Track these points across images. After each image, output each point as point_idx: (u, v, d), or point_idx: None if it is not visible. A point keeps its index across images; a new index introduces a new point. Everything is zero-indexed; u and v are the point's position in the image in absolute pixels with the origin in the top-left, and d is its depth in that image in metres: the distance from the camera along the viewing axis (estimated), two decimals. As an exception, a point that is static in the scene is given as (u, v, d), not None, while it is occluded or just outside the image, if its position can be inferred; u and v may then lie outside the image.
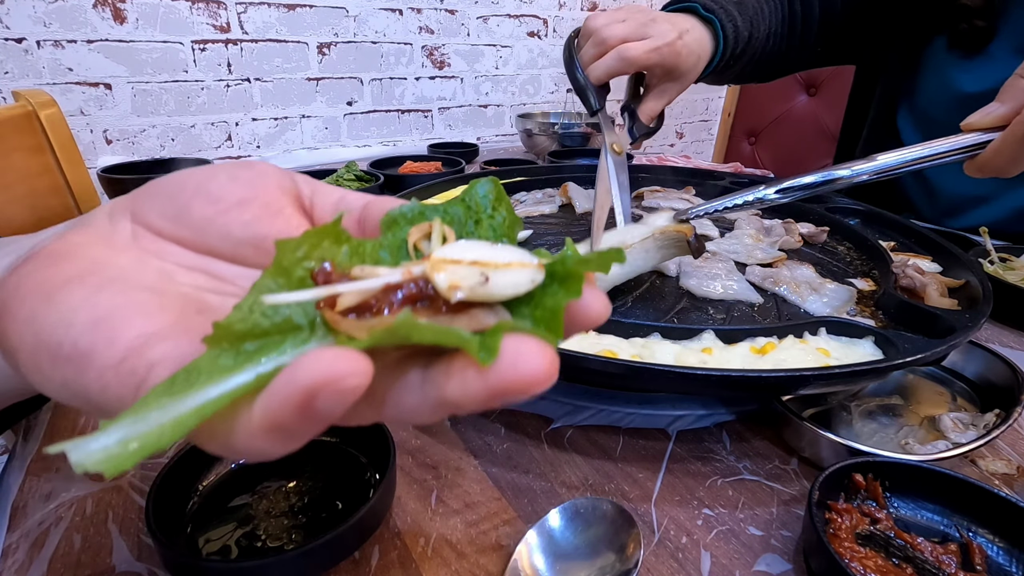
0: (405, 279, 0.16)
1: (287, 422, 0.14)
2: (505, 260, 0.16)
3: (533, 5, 1.78)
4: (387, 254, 0.19)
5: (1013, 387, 0.42)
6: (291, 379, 0.13)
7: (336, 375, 0.13)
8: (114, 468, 0.13)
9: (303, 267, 0.17)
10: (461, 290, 0.15)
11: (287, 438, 0.15)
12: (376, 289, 0.16)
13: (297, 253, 0.17)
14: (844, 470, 0.34)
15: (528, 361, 0.14)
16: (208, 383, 0.14)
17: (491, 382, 0.14)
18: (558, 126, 1.33)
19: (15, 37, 1.18)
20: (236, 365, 0.15)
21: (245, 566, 0.28)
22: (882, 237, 0.68)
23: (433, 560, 0.32)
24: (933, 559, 0.31)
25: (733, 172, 0.97)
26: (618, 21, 0.65)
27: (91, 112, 1.29)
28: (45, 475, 0.37)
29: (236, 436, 0.15)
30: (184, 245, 0.21)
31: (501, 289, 0.16)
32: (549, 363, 0.15)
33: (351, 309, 0.16)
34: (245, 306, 0.16)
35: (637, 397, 0.45)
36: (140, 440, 0.13)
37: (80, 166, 0.85)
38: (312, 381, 0.13)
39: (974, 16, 0.78)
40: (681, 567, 0.32)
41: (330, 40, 1.50)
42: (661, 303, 0.51)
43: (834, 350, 0.42)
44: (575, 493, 0.37)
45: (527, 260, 0.16)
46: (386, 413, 0.17)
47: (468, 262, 0.16)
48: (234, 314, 0.16)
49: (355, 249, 0.18)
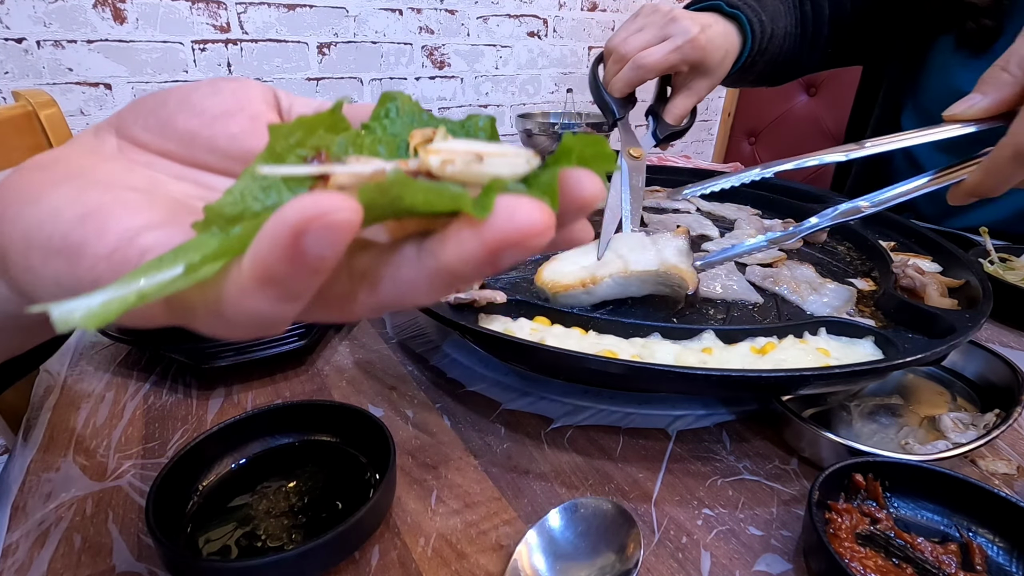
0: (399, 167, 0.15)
1: (278, 268, 0.13)
2: (501, 150, 0.15)
3: (533, 5, 1.78)
4: (384, 150, 0.18)
5: (1013, 387, 0.42)
6: (279, 218, 0.13)
7: (324, 210, 0.12)
8: (94, 323, 0.13)
9: (296, 154, 0.16)
10: (454, 165, 0.15)
11: (281, 293, 0.14)
12: (369, 174, 0.15)
13: (291, 139, 0.16)
14: (844, 470, 0.34)
15: (524, 213, 0.14)
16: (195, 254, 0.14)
17: (487, 238, 0.14)
18: (558, 126, 1.33)
19: (15, 37, 1.18)
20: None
21: (245, 566, 0.28)
22: (882, 237, 0.67)
23: (433, 560, 0.32)
24: (933, 559, 0.31)
25: (733, 172, 0.97)
26: (635, 31, 0.64)
27: (91, 112, 1.29)
28: (45, 475, 0.37)
29: (227, 298, 0.14)
30: (171, 158, 0.21)
31: (496, 168, 0.15)
32: (546, 215, 0.14)
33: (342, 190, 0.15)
34: (236, 191, 0.16)
35: (637, 397, 0.45)
36: (121, 299, 0.13)
37: (80, 166, 0.85)
38: (300, 216, 0.12)
39: (982, 15, 0.78)
40: (681, 567, 0.32)
41: (330, 40, 1.50)
42: (661, 303, 0.51)
43: (834, 350, 0.42)
44: (575, 493, 0.37)
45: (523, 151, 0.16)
46: (383, 294, 0.16)
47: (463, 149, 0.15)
48: (225, 197, 0.15)
49: (351, 140, 0.17)
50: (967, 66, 0.82)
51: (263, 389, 0.46)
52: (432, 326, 0.55)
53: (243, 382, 0.47)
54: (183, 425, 0.42)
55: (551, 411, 0.44)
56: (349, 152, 0.17)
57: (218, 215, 0.15)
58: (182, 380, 0.47)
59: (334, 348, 0.52)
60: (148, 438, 0.41)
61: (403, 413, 0.44)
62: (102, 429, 0.42)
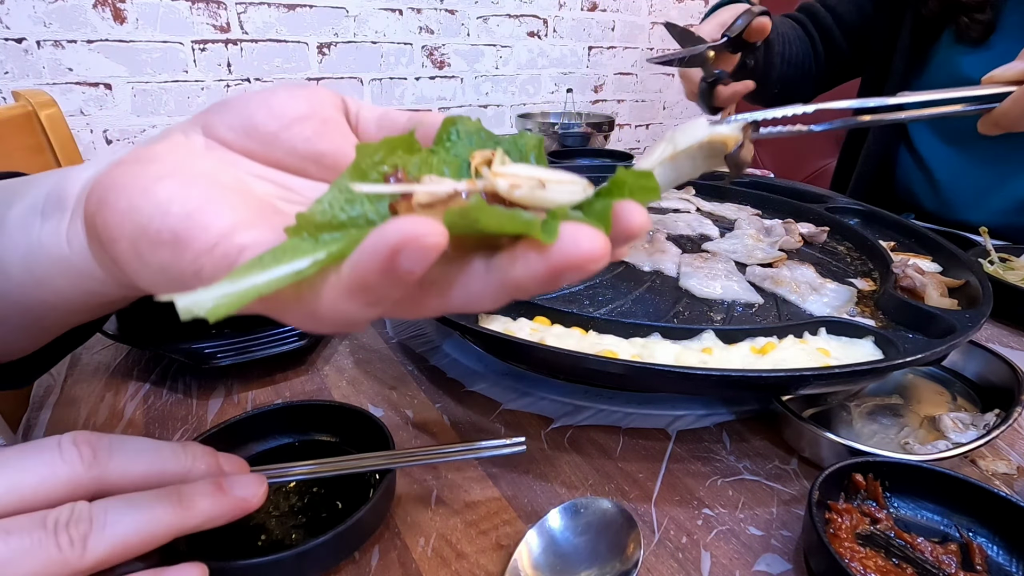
0: (470, 188, 0.17)
1: (373, 279, 0.15)
2: (559, 178, 0.18)
3: (533, 5, 1.78)
4: (449, 171, 0.20)
5: (1013, 387, 0.42)
6: (379, 236, 0.15)
7: (419, 233, 0.14)
8: (214, 314, 0.15)
9: (378, 171, 0.19)
10: (521, 190, 0.17)
11: (370, 298, 0.16)
12: (445, 193, 0.17)
13: (374, 157, 0.19)
14: (844, 470, 0.34)
15: (585, 240, 0.16)
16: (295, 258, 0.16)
17: (553, 260, 0.16)
18: (558, 126, 1.33)
19: (15, 37, 1.18)
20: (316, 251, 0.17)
21: (245, 566, 0.28)
22: (882, 237, 0.67)
23: (433, 560, 0.32)
24: (933, 559, 0.31)
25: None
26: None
27: (91, 112, 1.29)
28: (45, 475, 0.37)
29: (323, 299, 0.16)
30: (252, 157, 0.23)
31: (557, 194, 0.17)
32: (604, 242, 0.16)
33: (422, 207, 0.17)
34: (325, 201, 0.18)
35: (637, 397, 0.45)
36: (239, 294, 0.15)
37: (80, 166, 0.85)
38: (399, 238, 0.14)
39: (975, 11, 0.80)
40: (681, 567, 0.32)
41: (330, 40, 1.50)
42: (661, 303, 0.51)
43: (834, 350, 0.42)
44: (575, 493, 0.37)
45: (579, 179, 0.18)
46: (453, 299, 0.18)
47: (526, 175, 0.18)
48: (315, 207, 0.18)
49: (424, 160, 0.20)
50: (970, 55, 0.83)
51: (263, 389, 0.46)
52: (432, 326, 0.55)
53: (243, 382, 0.47)
54: (183, 425, 0.42)
55: (551, 411, 0.44)
56: (422, 170, 0.19)
57: (308, 222, 0.17)
58: (182, 380, 0.47)
59: (334, 348, 0.52)
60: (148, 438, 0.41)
61: (403, 413, 0.44)
62: (102, 429, 0.42)
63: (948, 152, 0.90)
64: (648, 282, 0.55)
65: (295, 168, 0.24)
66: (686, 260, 0.58)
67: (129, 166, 0.20)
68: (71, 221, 0.23)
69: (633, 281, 0.55)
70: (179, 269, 0.18)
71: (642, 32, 2.05)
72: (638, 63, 2.09)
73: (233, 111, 0.23)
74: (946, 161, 0.90)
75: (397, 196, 0.18)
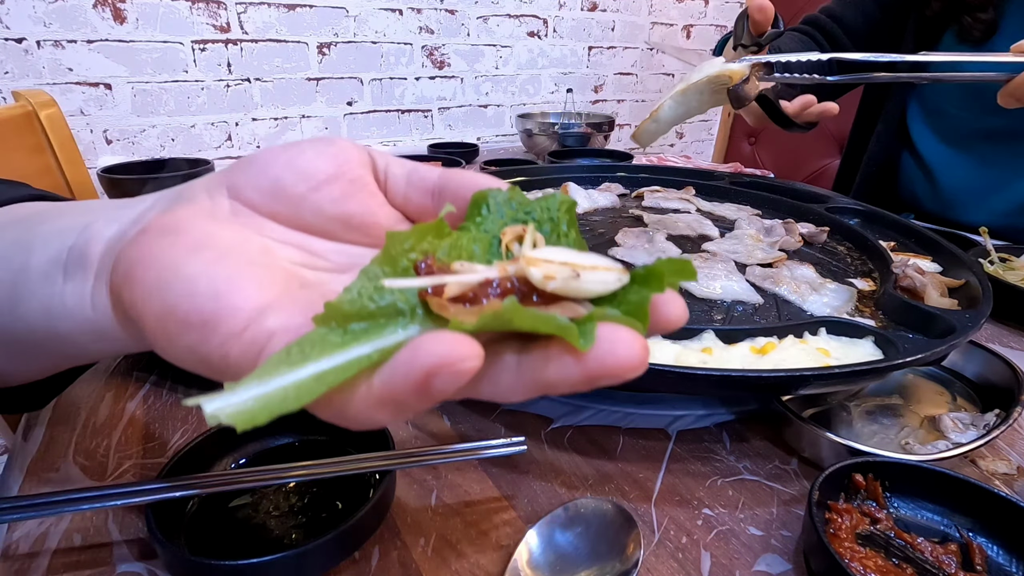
0: (502, 275, 0.17)
1: (405, 397, 0.15)
2: (592, 263, 0.18)
3: (533, 5, 1.78)
4: (479, 248, 0.20)
5: (1013, 387, 0.42)
6: (413, 357, 0.15)
7: (455, 358, 0.14)
8: (243, 423, 0.15)
9: (408, 258, 0.19)
10: (555, 281, 0.17)
11: (399, 410, 0.16)
12: (476, 282, 0.17)
13: (404, 245, 0.19)
14: (844, 470, 0.34)
15: (624, 348, 0.15)
16: (323, 355, 0.16)
17: (589, 367, 0.15)
18: (558, 126, 1.33)
19: (15, 37, 1.18)
20: (344, 343, 0.16)
21: (245, 566, 0.28)
22: (882, 237, 0.67)
23: (433, 560, 0.32)
24: (933, 559, 0.31)
25: (733, 172, 0.97)
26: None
27: (91, 112, 1.29)
28: (45, 475, 0.37)
29: (353, 405, 0.16)
30: (279, 221, 0.23)
31: (592, 285, 0.17)
32: (642, 350, 0.15)
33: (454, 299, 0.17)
34: (354, 289, 0.17)
35: (637, 397, 0.45)
36: (266, 400, 0.15)
37: (80, 166, 0.85)
38: (433, 362, 0.14)
39: (976, 10, 0.80)
40: (681, 567, 0.32)
41: (330, 40, 1.50)
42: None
43: (834, 350, 0.42)
44: (575, 493, 0.37)
45: (613, 265, 0.18)
46: (483, 391, 0.17)
47: (559, 262, 0.17)
48: (344, 295, 0.17)
49: (454, 242, 0.20)
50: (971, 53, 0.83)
51: (263, 389, 0.46)
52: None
53: (243, 382, 0.47)
54: (183, 425, 0.42)
55: (551, 411, 0.44)
56: (452, 255, 0.19)
57: (337, 311, 0.17)
58: (182, 380, 0.47)
59: (334, 348, 0.52)
60: (148, 438, 0.41)
61: (403, 413, 0.44)
62: (102, 429, 0.42)
63: (949, 153, 0.91)
64: (648, 282, 0.55)
65: (322, 230, 0.23)
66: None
67: (155, 237, 0.19)
68: (95, 284, 0.22)
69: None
70: (206, 351, 0.18)
71: (642, 32, 2.05)
72: (638, 63, 2.09)
73: (259, 171, 0.22)
74: (947, 163, 0.90)
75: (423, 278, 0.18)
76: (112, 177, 0.87)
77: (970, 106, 0.84)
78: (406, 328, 0.17)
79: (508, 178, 0.85)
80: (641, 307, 0.17)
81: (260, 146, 1.49)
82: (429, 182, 0.23)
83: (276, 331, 0.17)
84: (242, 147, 1.47)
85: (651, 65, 2.12)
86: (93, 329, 0.23)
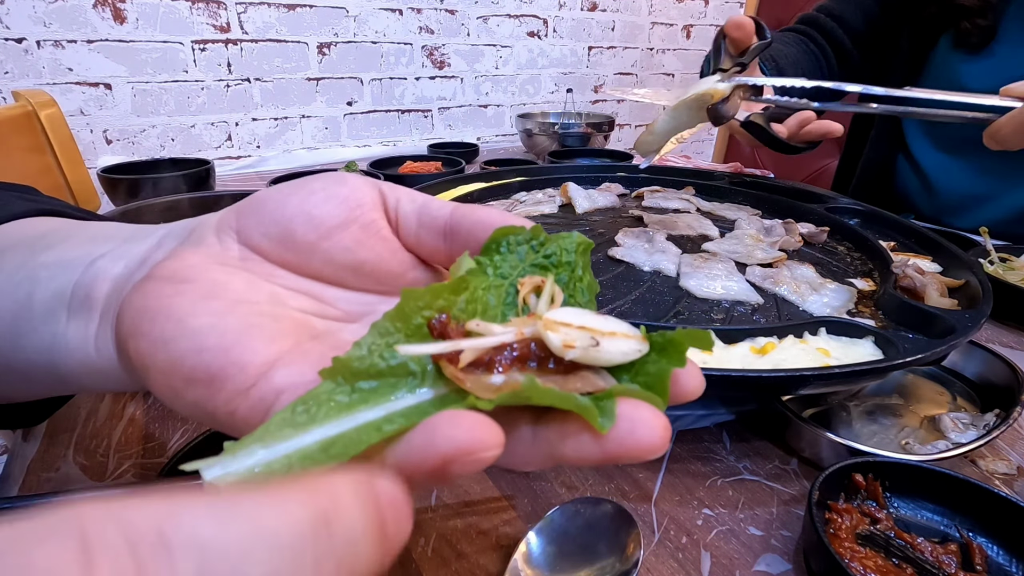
0: (519, 339, 0.17)
1: (419, 479, 0.15)
2: (611, 329, 0.17)
3: (533, 5, 1.78)
4: (494, 299, 0.19)
5: (1013, 387, 0.42)
6: (430, 442, 0.14)
7: (476, 447, 0.14)
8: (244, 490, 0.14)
9: (422, 315, 0.18)
10: (575, 350, 0.16)
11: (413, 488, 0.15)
12: (491, 346, 0.17)
13: (419, 302, 0.18)
14: (844, 470, 0.34)
15: (644, 429, 0.15)
16: (329, 418, 0.15)
17: (608, 448, 0.15)
18: (558, 126, 1.33)
19: (15, 37, 1.18)
20: (352, 404, 0.16)
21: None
22: (882, 237, 0.67)
23: (433, 560, 0.32)
24: (933, 559, 0.31)
25: (733, 172, 0.97)
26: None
27: (91, 112, 1.29)
28: (45, 475, 0.37)
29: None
30: (289, 268, 0.22)
31: (611, 355, 0.17)
32: (663, 430, 0.15)
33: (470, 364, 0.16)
34: (364, 345, 0.17)
35: (637, 397, 0.45)
36: (268, 470, 0.14)
37: (80, 166, 0.85)
38: (452, 449, 0.14)
39: (974, 15, 0.79)
40: (681, 567, 0.32)
41: (330, 40, 1.50)
42: (661, 303, 0.51)
43: (834, 350, 0.42)
44: (575, 493, 0.37)
45: (631, 332, 0.17)
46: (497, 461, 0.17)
47: (578, 326, 0.17)
48: (353, 351, 0.17)
49: (469, 299, 0.19)
50: (966, 64, 0.82)
51: (263, 389, 0.46)
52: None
53: (243, 382, 0.47)
54: (183, 425, 0.42)
55: (551, 411, 0.44)
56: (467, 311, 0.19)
57: (345, 367, 0.16)
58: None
59: (334, 348, 0.52)
60: (148, 438, 0.41)
61: (403, 413, 0.44)
62: (102, 429, 0.42)
63: (944, 160, 0.90)
64: (648, 282, 0.55)
65: (333, 278, 0.22)
66: (686, 260, 0.58)
67: (162, 285, 0.19)
68: (100, 326, 0.22)
69: (633, 281, 0.55)
70: (213, 407, 0.17)
71: (642, 32, 2.05)
72: (638, 63, 2.09)
73: (269, 217, 0.22)
74: (943, 169, 0.90)
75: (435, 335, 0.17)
76: (112, 177, 0.87)
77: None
78: (417, 391, 0.17)
79: (508, 178, 0.85)
80: (662, 381, 0.17)
81: (260, 146, 1.49)
82: (440, 221, 0.22)
83: (285, 388, 0.17)
84: (242, 147, 1.47)
85: (651, 65, 2.12)
86: (95, 369, 0.22)
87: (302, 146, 1.55)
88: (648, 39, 2.07)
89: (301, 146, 1.55)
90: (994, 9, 0.78)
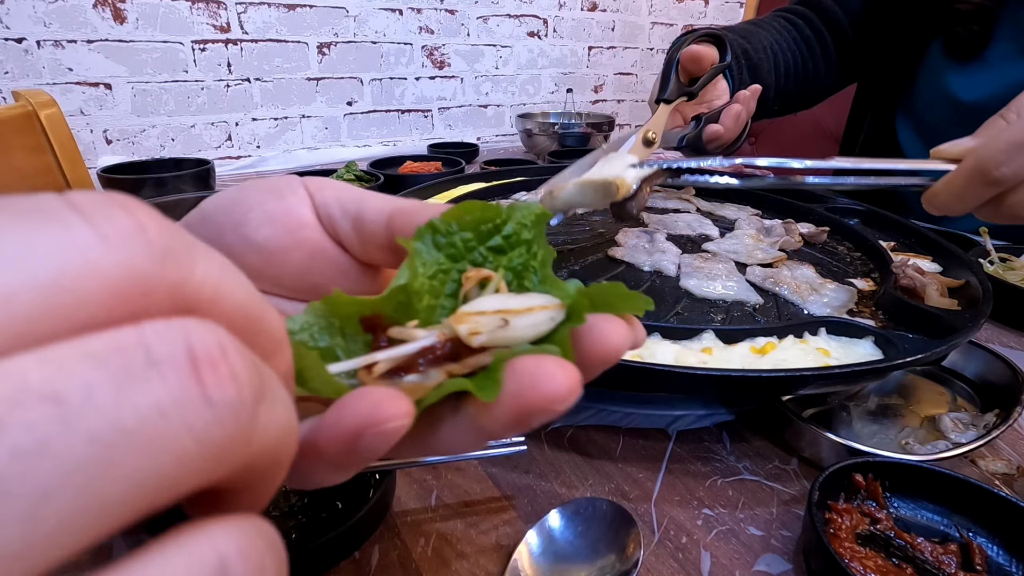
0: (440, 341, 0.17)
1: (332, 456, 0.15)
2: (527, 305, 0.17)
3: (533, 5, 1.78)
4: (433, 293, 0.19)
5: (1013, 387, 0.42)
6: (339, 421, 0.14)
7: (382, 419, 0.14)
8: None
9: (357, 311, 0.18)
10: (482, 335, 0.16)
11: (335, 468, 0.16)
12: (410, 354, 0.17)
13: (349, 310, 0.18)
14: (844, 470, 0.34)
15: (546, 380, 0.15)
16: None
17: (514, 405, 0.15)
18: (558, 126, 1.33)
19: (15, 37, 1.18)
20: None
21: (245, 566, 0.28)
22: (882, 237, 0.67)
23: (433, 560, 0.32)
24: (933, 559, 0.31)
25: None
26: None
27: (91, 112, 1.29)
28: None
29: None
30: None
31: (521, 331, 0.17)
32: (567, 377, 0.15)
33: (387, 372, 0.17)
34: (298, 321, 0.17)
35: (637, 397, 0.45)
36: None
37: (80, 166, 0.85)
38: (358, 423, 0.14)
39: (969, 21, 0.78)
40: (681, 567, 0.32)
41: (330, 40, 1.50)
42: (661, 303, 0.51)
43: (834, 350, 0.42)
44: (575, 493, 0.37)
45: (549, 303, 0.17)
46: (428, 447, 0.18)
47: (492, 311, 0.17)
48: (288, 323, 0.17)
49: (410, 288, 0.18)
50: (957, 73, 0.81)
51: (263, 389, 0.46)
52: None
53: (243, 382, 0.47)
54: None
55: (551, 411, 0.44)
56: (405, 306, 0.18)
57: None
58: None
59: (334, 348, 0.52)
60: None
61: (403, 413, 0.44)
62: (102, 429, 0.42)
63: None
64: (648, 282, 0.55)
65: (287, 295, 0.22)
66: (686, 260, 0.58)
67: None
68: None
69: (633, 281, 0.55)
70: None
71: (642, 32, 2.05)
72: (638, 63, 2.09)
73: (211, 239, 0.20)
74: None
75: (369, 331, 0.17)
76: (112, 177, 0.87)
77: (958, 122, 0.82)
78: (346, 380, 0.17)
79: (508, 178, 0.85)
80: (562, 342, 0.17)
81: (260, 146, 1.49)
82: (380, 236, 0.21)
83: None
84: (242, 147, 1.47)
85: (651, 65, 2.12)
86: None
87: (302, 146, 1.55)
88: (648, 39, 2.07)
89: (301, 146, 1.55)
90: (989, 14, 0.77)
